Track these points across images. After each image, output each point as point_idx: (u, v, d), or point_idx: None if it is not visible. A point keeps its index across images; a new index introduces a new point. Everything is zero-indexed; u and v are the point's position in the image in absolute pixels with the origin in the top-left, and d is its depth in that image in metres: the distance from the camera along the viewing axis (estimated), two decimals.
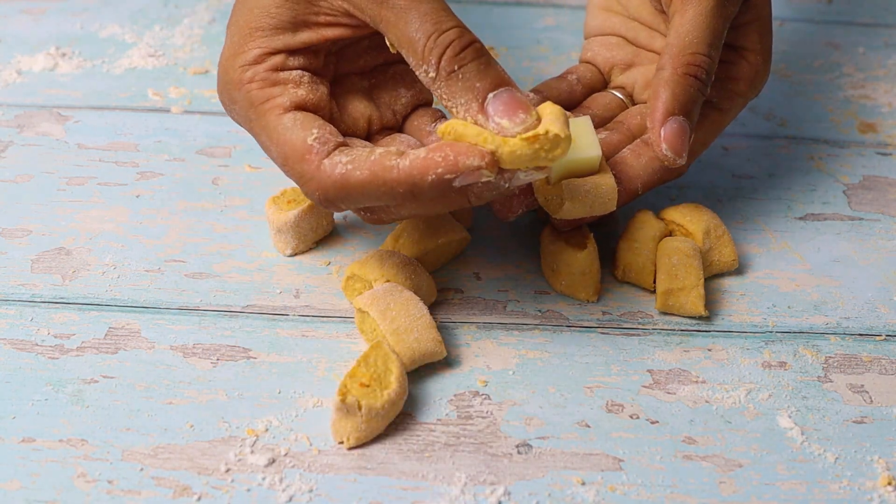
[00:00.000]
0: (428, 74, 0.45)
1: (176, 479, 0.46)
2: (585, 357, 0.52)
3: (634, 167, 0.54)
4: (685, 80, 0.52)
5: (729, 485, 0.47)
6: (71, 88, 0.70)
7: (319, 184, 0.46)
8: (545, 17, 0.80)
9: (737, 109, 0.57)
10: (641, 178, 0.54)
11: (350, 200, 0.46)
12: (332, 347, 0.52)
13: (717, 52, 0.53)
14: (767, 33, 0.56)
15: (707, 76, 0.53)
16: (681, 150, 0.52)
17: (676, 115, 0.52)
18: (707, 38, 0.52)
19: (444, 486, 0.46)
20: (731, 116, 0.57)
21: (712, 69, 0.53)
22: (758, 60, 0.56)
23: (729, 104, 0.57)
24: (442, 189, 0.44)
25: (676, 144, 0.52)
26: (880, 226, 0.62)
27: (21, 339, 0.52)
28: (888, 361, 0.53)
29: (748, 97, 0.57)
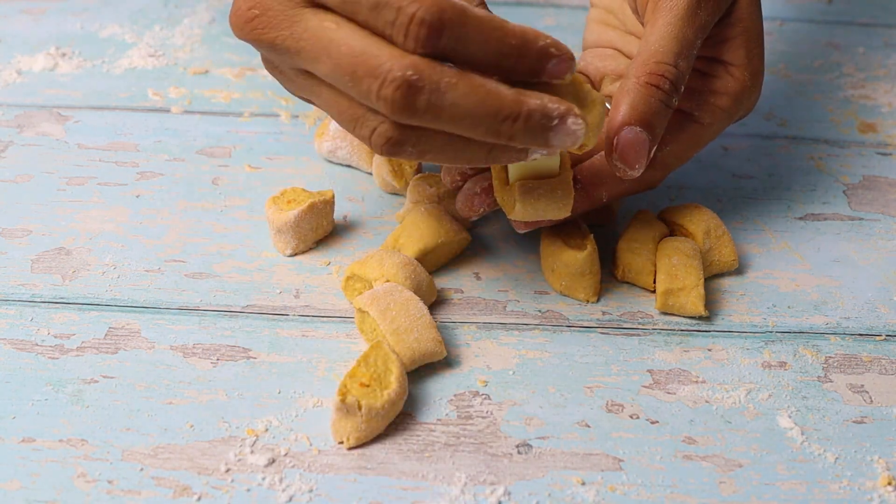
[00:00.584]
0: None
1: (176, 479, 0.46)
2: (585, 357, 0.52)
3: (601, 174, 0.53)
4: (646, 89, 0.50)
5: (729, 485, 0.47)
6: (71, 88, 0.70)
7: (436, 2, 0.41)
8: (545, 17, 0.80)
9: (719, 125, 0.55)
10: (607, 187, 0.54)
11: (459, 34, 0.42)
12: (332, 347, 0.52)
13: (687, 63, 0.51)
14: (755, 49, 0.55)
15: (672, 87, 0.51)
16: (633, 162, 0.50)
17: (633, 125, 0.50)
18: (674, 48, 0.51)
19: (444, 486, 0.46)
20: (712, 131, 0.55)
21: (679, 80, 0.51)
22: (744, 76, 0.54)
23: (710, 118, 0.55)
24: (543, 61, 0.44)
25: (629, 155, 0.50)
26: (880, 226, 0.62)
27: (21, 339, 0.52)
28: (888, 361, 0.53)
29: (732, 113, 0.55)
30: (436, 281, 0.55)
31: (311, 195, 0.57)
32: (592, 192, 0.54)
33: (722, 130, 0.56)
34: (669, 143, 0.54)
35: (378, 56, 0.42)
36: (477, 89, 0.43)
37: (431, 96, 0.42)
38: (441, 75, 0.42)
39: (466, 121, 0.43)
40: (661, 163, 0.54)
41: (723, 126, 0.56)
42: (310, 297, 0.55)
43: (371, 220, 0.60)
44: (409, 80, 0.42)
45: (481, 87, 0.43)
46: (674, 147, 0.54)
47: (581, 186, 0.53)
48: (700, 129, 0.55)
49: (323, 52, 0.44)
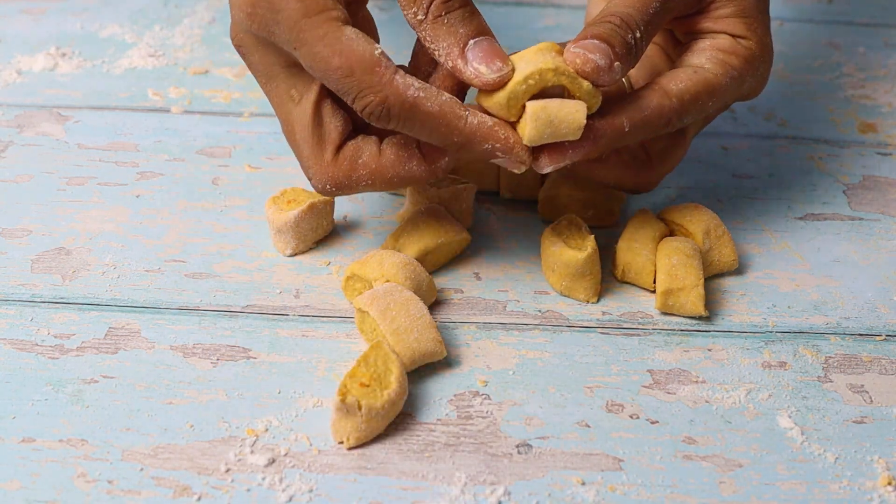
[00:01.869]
0: (416, 16, 0.48)
1: (176, 479, 0.46)
2: (585, 357, 0.52)
3: (618, 101, 0.52)
4: (600, 24, 0.50)
5: (729, 485, 0.47)
6: (71, 88, 0.70)
7: (386, 97, 0.47)
8: (545, 17, 0.80)
9: (730, 81, 0.54)
10: (627, 113, 0.51)
11: (406, 123, 0.48)
12: (332, 347, 0.52)
13: (640, 14, 0.51)
14: (754, 24, 0.55)
15: (623, 23, 0.50)
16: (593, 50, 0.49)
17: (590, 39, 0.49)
18: (625, 2, 0.51)
19: (444, 486, 0.46)
20: (723, 85, 0.53)
21: (632, 21, 0.50)
22: (751, 45, 0.54)
23: (721, 70, 0.53)
24: (485, 157, 0.49)
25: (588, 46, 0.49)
26: (880, 226, 0.62)
27: (21, 339, 0.52)
28: (888, 361, 0.53)
29: (743, 74, 0.54)
30: (436, 281, 0.55)
31: (311, 195, 0.57)
32: (612, 119, 0.51)
33: (732, 92, 0.54)
34: (683, 81, 0.53)
35: (307, 158, 0.51)
36: (391, 180, 0.51)
37: (352, 193, 0.52)
38: (357, 181, 0.51)
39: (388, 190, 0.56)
40: (677, 96, 0.52)
41: (734, 84, 0.54)
42: (310, 297, 0.55)
43: (371, 220, 0.60)
44: (328, 191, 0.51)
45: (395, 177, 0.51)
46: (688, 85, 0.53)
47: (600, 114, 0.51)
48: (711, 77, 0.53)
49: (280, 116, 0.52)
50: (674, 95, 0.52)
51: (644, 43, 0.51)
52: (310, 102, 0.50)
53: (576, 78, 0.48)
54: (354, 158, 0.50)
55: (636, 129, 0.52)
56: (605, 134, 0.50)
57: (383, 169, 0.50)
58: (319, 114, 0.50)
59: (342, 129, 0.50)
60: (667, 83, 0.52)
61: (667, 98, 0.52)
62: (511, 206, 0.61)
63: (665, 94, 0.52)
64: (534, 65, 0.48)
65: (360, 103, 0.47)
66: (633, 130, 0.51)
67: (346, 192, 0.51)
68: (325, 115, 0.50)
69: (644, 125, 0.52)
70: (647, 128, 0.52)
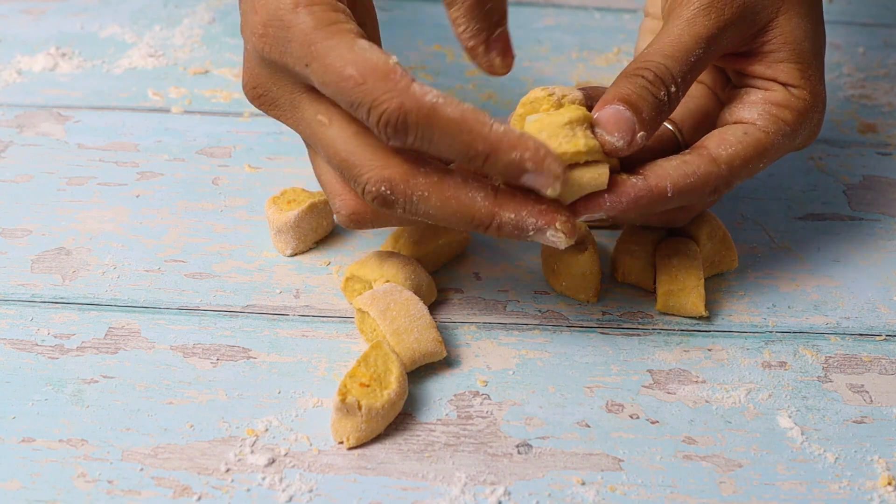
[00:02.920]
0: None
1: (176, 479, 0.46)
2: (585, 357, 0.52)
3: (665, 167, 0.50)
4: (630, 78, 0.49)
5: (729, 485, 0.47)
6: (71, 88, 0.70)
7: (402, 103, 0.43)
8: (545, 17, 0.80)
9: (783, 138, 0.52)
10: (672, 178, 0.49)
11: (426, 133, 0.44)
12: (332, 347, 0.52)
13: (678, 65, 0.49)
14: (809, 71, 0.52)
15: (656, 77, 0.49)
16: (613, 129, 0.47)
17: (614, 104, 0.48)
18: (663, 49, 0.50)
19: (444, 486, 0.46)
20: (775, 143, 0.52)
21: (665, 74, 0.49)
22: (804, 95, 0.52)
23: (773, 127, 0.52)
24: (512, 172, 0.45)
25: (609, 124, 0.47)
26: (880, 226, 0.62)
27: (21, 339, 0.52)
28: (888, 361, 0.53)
29: (795, 129, 0.52)
30: (436, 281, 0.55)
31: (311, 195, 0.57)
32: (656, 182, 0.49)
33: (785, 148, 0.52)
34: (733, 145, 0.51)
35: (358, 165, 0.46)
36: (449, 200, 0.46)
37: (406, 206, 0.46)
38: (414, 188, 0.46)
39: (441, 222, 0.47)
40: (726, 163, 0.50)
41: (786, 141, 0.52)
42: (310, 297, 0.55)
43: None
44: (383, 195, 0.46)
45: (454, 198, 0.46)
46: (738, 150, 0.51)
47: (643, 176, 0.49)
48: (763, 136, 0.51)
49: (317, 144, 0.48)
50: (724, 161, 0.50)
51: (681, 94, 0.50)
52: (342, 118, 0.47)
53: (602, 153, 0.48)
54: (416, 163, 0.46)
55: (680, 195, 0.49)
56: (646, 197, 0.48)
57: (446, 185, 0.46)
58: (359, 125, 0.46)
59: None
60: (716, 148, 0.50)
61: (715, 165, 0.50)
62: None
63: (713, 160, 0.50)
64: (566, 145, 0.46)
65: (376, 113, 0.44)
66: (677, 197, 0.49)
67: (399, 199, 0.46)
68: (364, 127, 0.46)
69: (689, 192, 0.49)
70: (691, 194, 0.50)
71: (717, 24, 0.50)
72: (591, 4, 0.82)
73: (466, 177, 0.46)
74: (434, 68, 0.74)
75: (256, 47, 0.47)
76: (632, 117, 0.48)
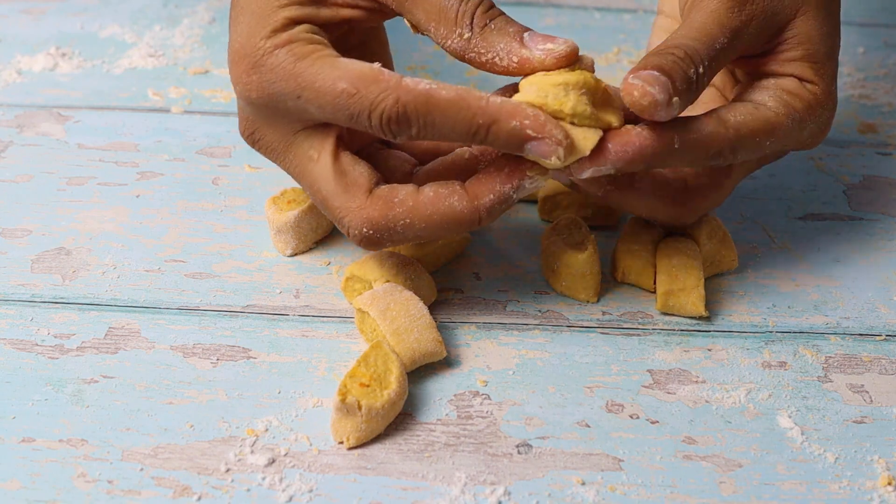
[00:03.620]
0: (463, 36, 0.47)
1: (176, 479, 0.46)
2: (585, 357, 0.52)
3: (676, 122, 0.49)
4: (660, 55, 0.48)
5: (729, 485, 0.47)
6: (71, 88, 0.70)
7: (398, 98, 0.45)
8: (545, 17, 0.80)
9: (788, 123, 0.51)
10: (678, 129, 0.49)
11: (427, 119, 0.45)
12: (332, 347, 0.52)
13: (705, 48, 0.49)
14: (823, 70, 0.52)
15: (687, 56, 0.48)
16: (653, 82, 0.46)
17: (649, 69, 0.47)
18: (691, 34, 0.49)
19: (444, 486, 0.46)
20: (784, 127, 0.51)
21: (696, 55, 0.48)
22: (816, 90, 0.52)
23: (784, 110, 0.51)
24: (515, 142, 0.46)
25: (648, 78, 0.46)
26: (880, 226, 0.62)
27: (21, 339, 0.52)
28: (888, 361, 0.53)
29: (804, 119, 0.52)
30: (436, 281, 0.55)
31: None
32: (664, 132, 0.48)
33: (793, 136, 0.52)
34: (742, 114, 0.50)
35: (338, 208, 0.48)
36: (430, 218, 0.48)
37: (393, 238, 0.48)
38: (394, 220, 0.48)
39: (434, 238, 0.50)
40: (734, 128, 0.50)
41: (795, 127, 0.52)
42: (310, 297, 0.55)
43: None
44: (367, 236, 0.48)
45: (434, 214, 0.48)
46: (747, 119, 0.50)
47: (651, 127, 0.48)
48: (773, 115, 0.51)
49: (304, 183, 0.50)
50: (731, 126, 0.50)
51: (706, 79, 0.49)
52: (328, 154, 0.48)
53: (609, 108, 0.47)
54: (390, 198, 0.48)
55: (686, 149, 0.49)
56: (651, 146, 0.48)
57: (422, 206, 0.48)
58: (340, 163, 0.49)
59: (369, 175, 0.49)
60: (725, 113, 0.50)
61: (723, 126, 0.49)
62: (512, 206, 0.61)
63: (721, 122, 0.49)
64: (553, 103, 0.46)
65: (376, 115, 0.45)
66: (683, 151, 0.49)
67: (384, 235, 0.48)
68: (346, 165, 0.49)
69: (694, 148, 0.49)
70: (696, 151, 0.49)
71: (741, 18, 0.50)
72: (591, 4, 0.82)
73: (437, 188, 0.48)
74: (434, 68, 0.74)
75: (244, 95, 0.49)
76: (668, 81, 0.47)
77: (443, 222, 0.48)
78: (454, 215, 0.48)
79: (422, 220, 0.48)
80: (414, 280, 0.53)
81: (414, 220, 0.48)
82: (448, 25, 0.47)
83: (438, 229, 0.48)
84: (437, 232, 0.48)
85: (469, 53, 0.47)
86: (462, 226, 0.48)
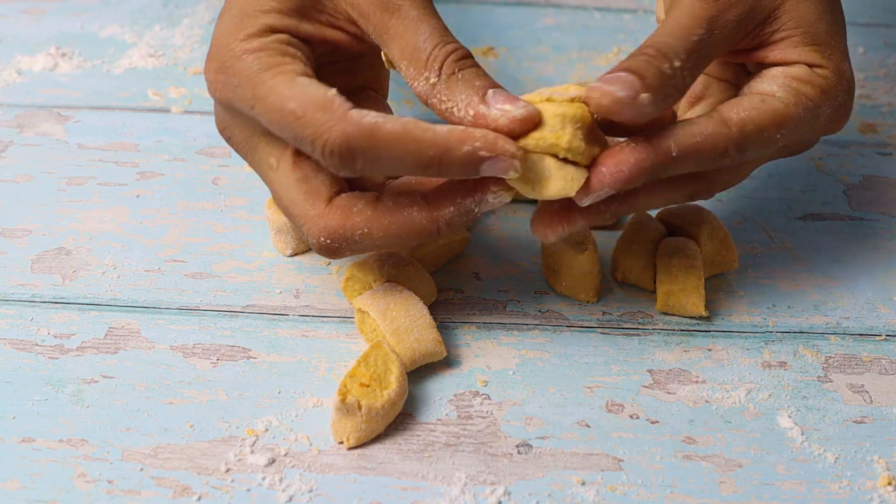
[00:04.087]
0: (429, 80, 0.46)
1: (176, 479, 0.46)
2: (585, 357, 0.52)
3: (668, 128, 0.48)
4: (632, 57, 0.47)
5: (729, 485, 0.47)
6: (71, 88, 0.70)
7: (343, 131, 0.44)
8: (545, 17, 0.80)
9: (800, 112, 0.50)
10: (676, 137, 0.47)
11: (373, 154, 0.44)
12: (332, 347, 0.52)
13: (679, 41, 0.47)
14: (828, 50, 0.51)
15: (658, 52, 0.47)
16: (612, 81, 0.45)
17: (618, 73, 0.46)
18: (662, 31, 0.48)
19: (444, 486, 0.46)
20: (795, 116, 0.49)
21: (668, 49, 0.47)
22: (827, 74, 0.50)
23: (793, 99, 0.49)
24: (470, 167, 0.44)
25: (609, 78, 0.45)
26: (880, 226, 0.62)
27: (21, 339, 0.52)
28: (888, 361, 0.53)
29: (817, 106, 0.50)
30: (436, 281, 0.55)
31: None
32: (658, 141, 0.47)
33: (808, 125, 0.50)
34: (747, 110, 0.49)
35: (299, 216, 0.48)
36: (389, 227, 0.47)
37: (352, 248, 0.47)
38: (352, 230, 0.47)
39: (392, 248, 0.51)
40: (737, 125, 0.48)
41: (808, 116, 0.50)
42: (310, 297, 0.55)
43: None
44: (326, 245, 0.47)
45: (392, 223, 0.47)
46: (752, 114, 0.49)
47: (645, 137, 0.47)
48: (782, 106, 0.49)
49: (268, 186, 0.49)
50: (734, 124, 0.48)
51: (688, 72, 0.47)
52: (287, 163, 0.48)
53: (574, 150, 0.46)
54: (349, 206, 0.47)
55: (685, 156, 0.47)
56: (649, 159, 0.46)
57: (380, 215, 0.47)
58: (302, 170, 0.47)
59: (330, 184, 0.48)
60: (727, 111, 0.49)
61: (725, 126, 0.48)
62: (511, 207, 0.61)
63: (723, 121, 0.48)
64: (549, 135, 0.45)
65: (319, 144, 0.44)
66: (682, 158, 0.47)
67: (342, 244, 0.47)
68: (308, 172, 0.47)
69: (695, 153, 0.47)
70: (698, 157, 0.48)
71: (716, 7, 0.49)
72: (591, 4, 0.82)
73: (397, 197, 0.47)
74: None
75: (211, 92, 0.49)
76: (634, 79, 0.45)
77: (401, 232, 0.47)
78: (412, 226, 0.47)
79: (380, 230, 0.47)
80: (414, 280, 0.53)
81: (372, 229, 0.47)
82: (418, 67, 0.47)
83: (397, 238, 0.47)
84: (396, 241, 0.47)
85: (432, 98, 0.47)
86: (420, 236, 0.47)
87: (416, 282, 0.53)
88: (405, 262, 0.53)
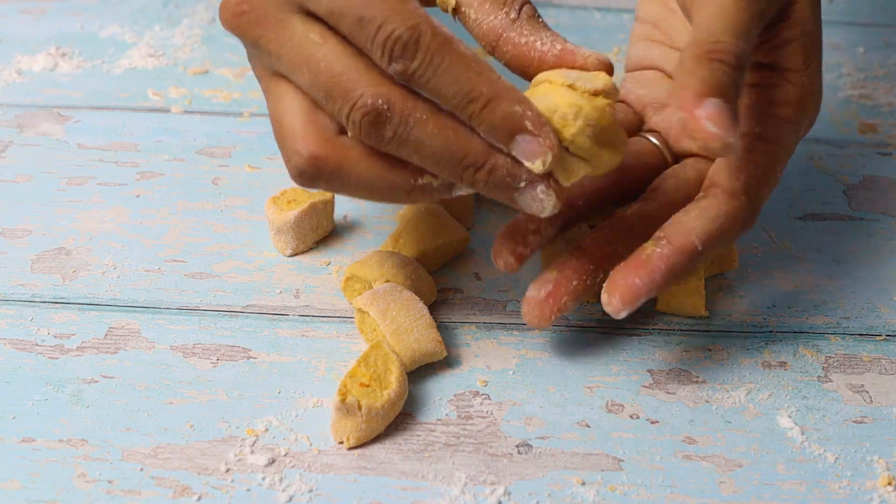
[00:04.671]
0: (509, 15, 0.46)
1: (176, 479, 0.46)
2: (585, 357, 0.52)
3: (685, 221, 0.48)
4: (710, 63, 0.43)
5: (729, 485, 0.47)
6: (71, 88, 0.70)
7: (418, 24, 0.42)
8: (545, 17, 0.79)
9: (788, 138, 0.50)
10: (696, 230, 0.47)
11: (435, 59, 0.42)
12: (332, 347, 0.52)
13: (747, 44, 0.45)
14: (813, 53, 0.49)
15: (737, 61, 0.44)
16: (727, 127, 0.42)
17: (709, 97, 0.43)
18: (731, 29, 0.44)
19: (444, 486, 0.46)
20: (783, 148, 0.50)
21: (744, 57, 0.44)
22: (802, 81, 0.49)
23: (776, 131, 0.49)
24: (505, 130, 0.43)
25: (721, 122, 0.42)
26: (880, 226, 0.61)
27: (21, 339, 0.52)
28: (888, 361, 0.53)
29: (798, 123, 0.50)
30: (436, 281, 0.55)
31: (311, 195, 0.57)
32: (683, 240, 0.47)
33: (793, 146, 0.51)
34: (744, 170, 0.49)
35: (354, 80, 0.43)
36: (445, 130, 0.43)
37: (399, 128, 0.43)
38: (412, 110, 0.43)
39: (430, 159, 0.44)
40: (745, 193, 0.49)
41: (791, 140, 0.50)
42: (310, 297, 0.55)
43: (371, 220, 0.60)
44: (379, 109, 0.42)
45: (451, 129, 0.43)
46: (752, 170, 0.49)
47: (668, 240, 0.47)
48: (770, 147, 0.50)
49: (303, 64, 0.44)
50: (741, 192, 0.48)
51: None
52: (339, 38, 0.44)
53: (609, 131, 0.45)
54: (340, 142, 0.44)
55: (711, 244, 0.48)
56: (678, 261, 0.47)
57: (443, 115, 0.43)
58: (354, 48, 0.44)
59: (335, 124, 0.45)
60: (728, 181, 0.48)
61: (735, 200, 0.48)
62: (511, 207, 0.61)
63: (731, 196, 0.48)
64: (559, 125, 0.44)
65: (387, 28, 0.41)
66: (709, 247, 0.48)
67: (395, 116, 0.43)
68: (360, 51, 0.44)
69: (719, 237, 0.48)
70: (722, 238, 0.48)
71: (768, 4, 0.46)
72: (591, 4, 0.82)
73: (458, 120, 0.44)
74: None
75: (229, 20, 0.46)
76: (729, 112, 0.43)
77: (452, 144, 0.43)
78: (467, 145, 0.43)
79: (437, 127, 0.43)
80: (414, 280, 0.53)
81: (430, 121, 0.43)
82: (497, 3, 0.46)
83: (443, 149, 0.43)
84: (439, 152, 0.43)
85: (510, 32, 0.46)
86: (464, 162, 0.43)
87: (416, 282, 0.53)
88: (405, 262, 0.53)
